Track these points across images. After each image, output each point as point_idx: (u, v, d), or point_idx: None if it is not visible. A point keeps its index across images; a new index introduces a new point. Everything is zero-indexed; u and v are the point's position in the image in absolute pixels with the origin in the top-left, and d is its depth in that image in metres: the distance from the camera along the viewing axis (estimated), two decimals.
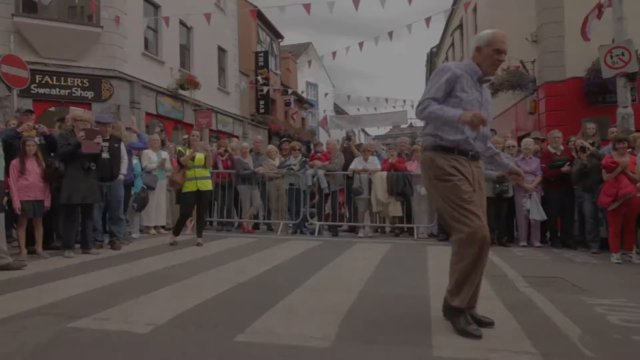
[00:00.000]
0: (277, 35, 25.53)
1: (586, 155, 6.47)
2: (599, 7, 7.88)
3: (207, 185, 6.83)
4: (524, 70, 10.41)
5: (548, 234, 7.40)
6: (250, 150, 9.66)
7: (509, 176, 3.33)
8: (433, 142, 2.95)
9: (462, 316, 2.83)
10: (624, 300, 3.73)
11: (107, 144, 6.10)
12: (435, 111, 2.82)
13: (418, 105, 2.94)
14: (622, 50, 7.29)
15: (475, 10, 15.85)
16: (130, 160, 6.89)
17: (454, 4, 17.95)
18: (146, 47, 13.53)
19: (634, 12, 8.36)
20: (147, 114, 13.21)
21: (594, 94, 9.24)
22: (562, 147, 7.27)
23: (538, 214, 6.88)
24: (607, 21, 7.97)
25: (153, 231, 8.10)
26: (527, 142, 7.44)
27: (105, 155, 6.06)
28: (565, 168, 6.88)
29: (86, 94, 11.63)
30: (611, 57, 7.36)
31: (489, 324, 2.94)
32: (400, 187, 7.94)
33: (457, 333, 2.78)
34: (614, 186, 5.69)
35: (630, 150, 6.02)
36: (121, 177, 6.43)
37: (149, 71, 13.32)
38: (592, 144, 6.89)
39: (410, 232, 8.38)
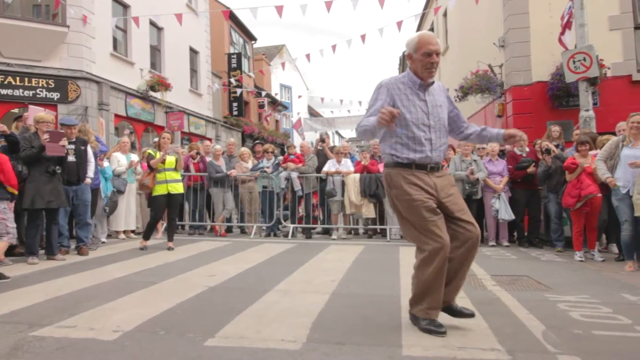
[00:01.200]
0: (250, 37, 25.40)
1: (550, 157, 6.69)
2: (569, 21, 8.22)
3: (178, 188, 6.75)
4: (492, 74, 10.67)
5: (516, 234, 7.62)
6: (223, 153, 9.57)
7: (507, 140, 3.08)
8: (390, 160, 2.96)
9: (422, 318, 2.89)
10: (586, 296, 3.87)
11: (73, 146, 5.95)
12: (361, 125, 2.89)
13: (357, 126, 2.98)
14: (584, 56, 7.59)
15: (445, 14, 16.15)
16: (97, 163, 6.73)
17: (425, 8, 18.28)
18: (115, 47, 13.22)
19: (595, 19, 8.71)
20: (116, 115, 12.91)
21: (558, 97, 9.54)
22: (527, 149, 7.50)
23: (506, 214, 7.08)
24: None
25: (122, 236, 7.92)
26: (492, 144, 7.65)
27: (71, 158, 5.91)
28: (531, 169, 7.11)
29: (52, 95, 11.27)
30: (574, 62, 7.66)
31: (470, 315, 3.00)
32: (373, 189, 8.01)
33: (422, 332, 2.84)
34: (577, 187, 5.90)
35: (593, 152, 6.26)
36: (88, 180, 6.28)
37: (118, 72, 13.02)
38: (557, 146, 7.14)
39: (383, 233, 8.47)
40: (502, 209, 7.07)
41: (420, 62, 2.88)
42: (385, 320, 3.17)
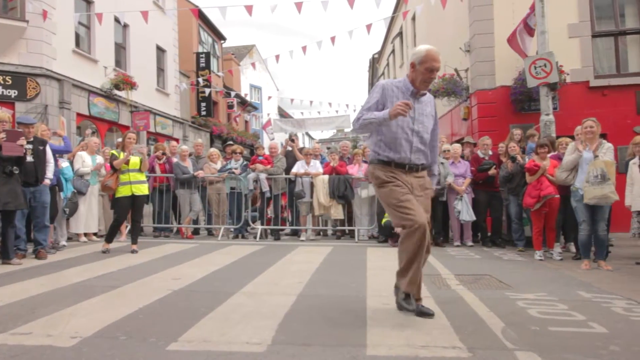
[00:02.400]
0: (219, 36, 25.08)
1: (512, 164, 6.93)
2: (525, 24, 8.53)
3: (143, 189, 6.60)
4: (458, 78, 10.92)
5: (479, 234, 7.83)
6: (190, 154, 9.42)
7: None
8: (374, 157, 3.27)
9: (404, 295, 3.16)
10: (544, 294, 4.01)
11: (31, 146, 5.73)
12: (367, 117, 3.12)
13: (354, 121, 3.23)
14: (545, 62, 7.87)
15: (414, 19, 16.42)
16: (56, 163, 6.50)
17: (394, 12, 18.54)
18: (77, 44, 12.79)
19: (555, 27, 9.06)
20: (79, 114, 12.49)
21: (520, 102, 9.85)
22: (490, 152, 7.73)
23: (467, 214, 7.29)
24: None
25: (83, 239, 7.68)
26: (455, 147, 7.87)
27: (29, 158, 5.69)
28: (492, 171, 7.34)
29: (9, 92, 10.80)
30: (535, 68, 7.92)
31: (429, 314, 3.20)
32: (342, 190, 8.06)
33: (396, 306, 3.25)
34: (536, 188, 6.12)
35: (552, 154, 6.50)
36: (47, 181, 6.05)
37: (80, 69, 12.60)
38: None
39: (351, 234, 8.53)
40: (463, 210, 7.27)
41: (422, 75, 3.13)
42: (351, 320, 3.19)
